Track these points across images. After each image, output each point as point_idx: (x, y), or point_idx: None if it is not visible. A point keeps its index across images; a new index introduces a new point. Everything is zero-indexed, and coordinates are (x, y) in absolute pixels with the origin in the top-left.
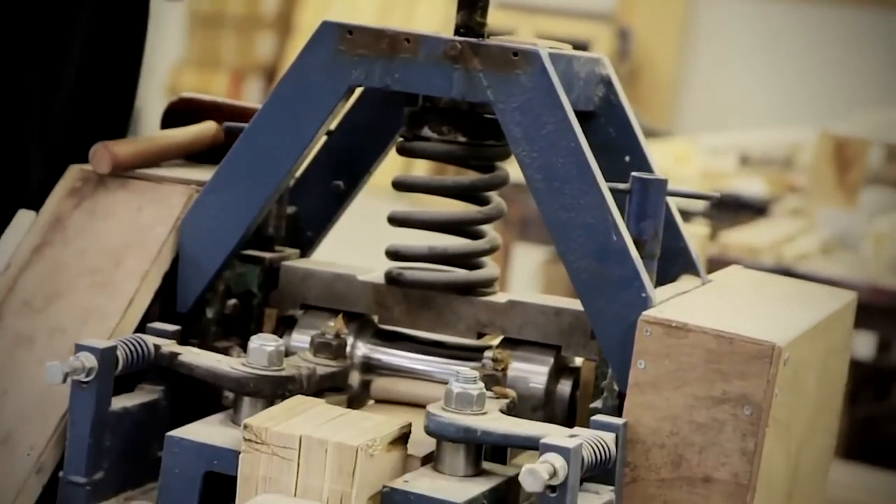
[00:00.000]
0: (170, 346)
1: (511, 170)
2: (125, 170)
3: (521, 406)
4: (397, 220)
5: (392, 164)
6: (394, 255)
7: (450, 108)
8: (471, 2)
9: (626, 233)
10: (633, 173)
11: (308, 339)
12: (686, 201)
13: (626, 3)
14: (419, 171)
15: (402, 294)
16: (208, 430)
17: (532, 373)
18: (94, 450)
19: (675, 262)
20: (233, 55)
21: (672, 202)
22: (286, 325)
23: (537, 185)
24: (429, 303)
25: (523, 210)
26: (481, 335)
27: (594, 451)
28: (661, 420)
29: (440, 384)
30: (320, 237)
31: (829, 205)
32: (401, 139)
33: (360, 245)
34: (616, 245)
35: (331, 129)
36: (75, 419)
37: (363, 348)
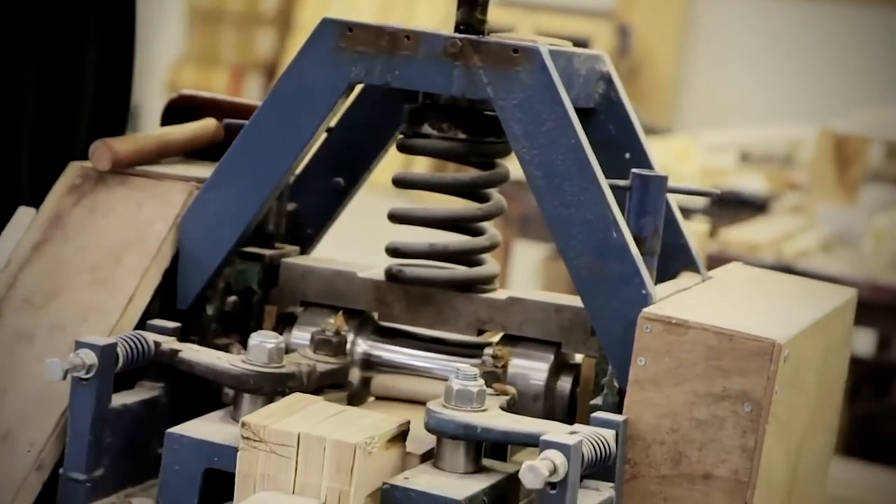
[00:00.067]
0: (170, 342)
1: (511, 167)
2: (125, 167)
3: (522, 403)
4: (397, 217)
5: (392, 161)
6: (394, 251)
7: (450, 105)
8: None
9: (627, 229)
10: (634, 170)
11: (308, 336)
12: (686, 198)
13: (626, 0)
14: (419, 168)
15: (403, 291)
16: (208, 427)
17: (532, 369)
18: (94, 447)
19: (675, 258)
20: (233, 52)
21: (672, 199)
22: (286, 322)
23: (537, 182)
24: (429, 299)
25: (523, 207)
26: (481, 332)
27: (594, 447)
28: (662, 417)
29: (440, 381)
30: (320, 234)
31: (829, 202)
32: (401, 136)
33: (360, 242)
34: (616, 242)
35: (331, 126)
36: (75, 416)
37: (363, 345)
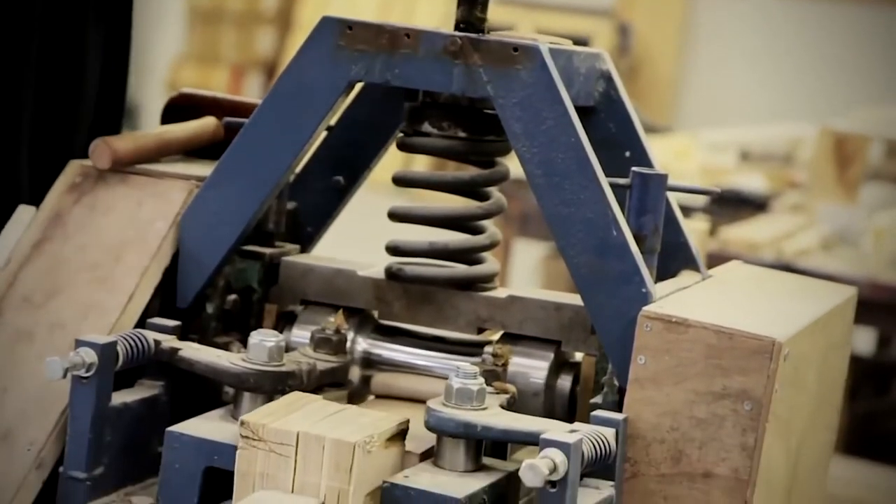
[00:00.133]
0: (170, 341)
1: (511, 165)
2: (125, 165)
3: (522, 401)
4: (397, 216)
5: (392, 160)
6: (394, 250)
7: (450, 103)
8: None
9: (627, 228)
10: (634, 168)
11: (308, 335)
12: (686, 197)
13: None
14: (419, 166)
15: (403, 289)
16: (208, 426)
17: (532, 368)
18: (94, 445)
19: (675, 257)
20: (233, 51)
21: (672, 197)
22: (286, 320)
23: (537, 181)
24: (429, 298)
25: (523, 205)
26: (481, 330)
27: (594, 446)
28: (662, 415)
29: (440, 379)
30: (320, 233)
31: (829, 200)
32: (401, 135)
33: (360, 240)
34: (616, 240)
35: (331, 124)
36: (75, 415)
37: (363, 344)
